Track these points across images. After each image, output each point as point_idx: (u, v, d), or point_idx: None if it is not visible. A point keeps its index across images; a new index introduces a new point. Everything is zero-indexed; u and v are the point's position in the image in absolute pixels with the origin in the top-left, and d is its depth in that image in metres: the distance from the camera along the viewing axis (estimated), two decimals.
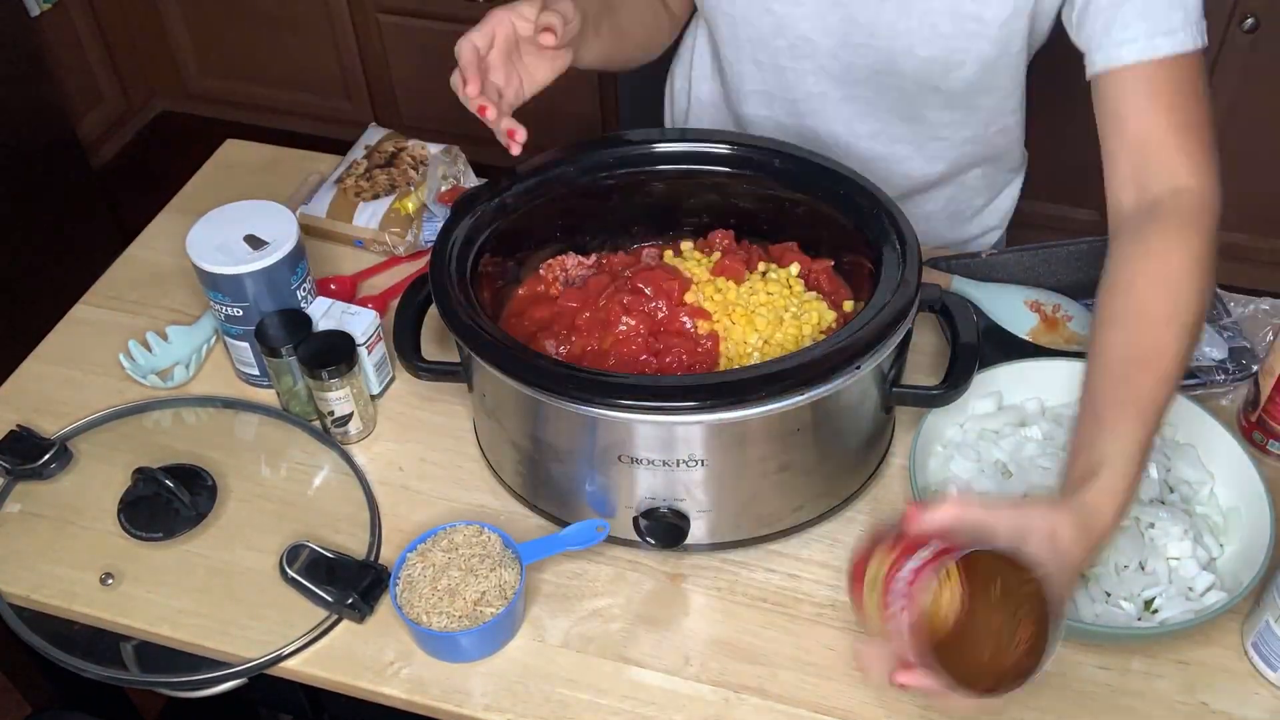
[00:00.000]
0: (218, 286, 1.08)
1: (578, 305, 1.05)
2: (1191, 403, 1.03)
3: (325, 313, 1.11)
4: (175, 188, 1.43)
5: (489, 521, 0.99)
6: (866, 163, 1.23)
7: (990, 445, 1.05)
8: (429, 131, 1.50)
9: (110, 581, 1.01)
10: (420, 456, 1.10)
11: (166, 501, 1.04)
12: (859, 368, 0.90)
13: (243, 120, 2.97)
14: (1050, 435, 1.04)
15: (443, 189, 1.31)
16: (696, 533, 0.98)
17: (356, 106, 2.86)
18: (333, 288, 1.26)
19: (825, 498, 1.01)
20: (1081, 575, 0.93)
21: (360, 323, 1.10)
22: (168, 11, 2.87)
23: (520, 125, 0.99)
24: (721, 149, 1.10)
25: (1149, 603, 0.94)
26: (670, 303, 1.04)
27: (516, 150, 1.00)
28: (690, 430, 0.90)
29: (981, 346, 1.00)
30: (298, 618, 0.97)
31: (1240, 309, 1.18)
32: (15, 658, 1.15)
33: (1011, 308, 1.15)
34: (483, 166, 1.45)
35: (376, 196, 1.32)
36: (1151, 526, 0.97)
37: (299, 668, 0.96)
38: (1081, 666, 0.93)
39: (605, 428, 0.91)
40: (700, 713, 0.91)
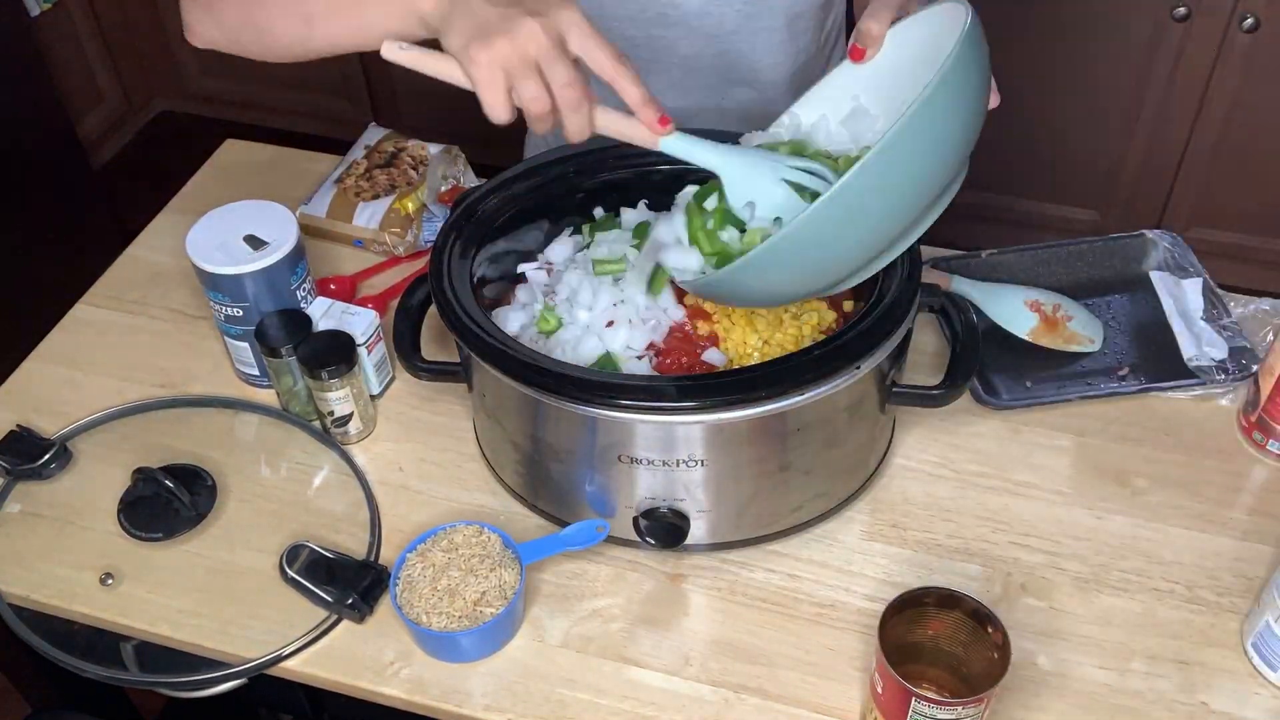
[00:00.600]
0: (218, 286, 1.08)
1: None
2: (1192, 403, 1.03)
3: (325, 313, 1.11)
4: (175, 188, 1.43)
5: (489, 521, 0.99)
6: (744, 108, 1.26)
7: None
8: (429, 131, 1.50)
9: (110, 581, 1.01)
10: (420, 456, 1.10)
11: (166, 501, 1.04)
12: (859, 368, 0.90)
13: (243, 120, 2.97)
14: None
15: (443, 189, 1.31)
16: (696, 533, 0.98)
17: (356, 106, 2.86)
18: (332, 288, 1.26)
19: (825, 498, 1.01)
20: None
21: (360, 323, 1.10)
22: (168, 11, 2.87)
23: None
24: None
25: None
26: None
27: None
28: (690, 430, 0.90)
29: (981, 346, 1.00)
30: (298, 618, 0.97)
31: (1240, 309, 1.17)
32: (15, 658, 1.15)
33: (1011, 308, 1.15)
34: (483, 167, 1.45)
35: (376, 196, 1.32)
36: None
37: (299, 668, 0.96)
38: (1081, 666, 0.93)
39: (605, 428, 0.91)
40: (700, 713, 0.91)
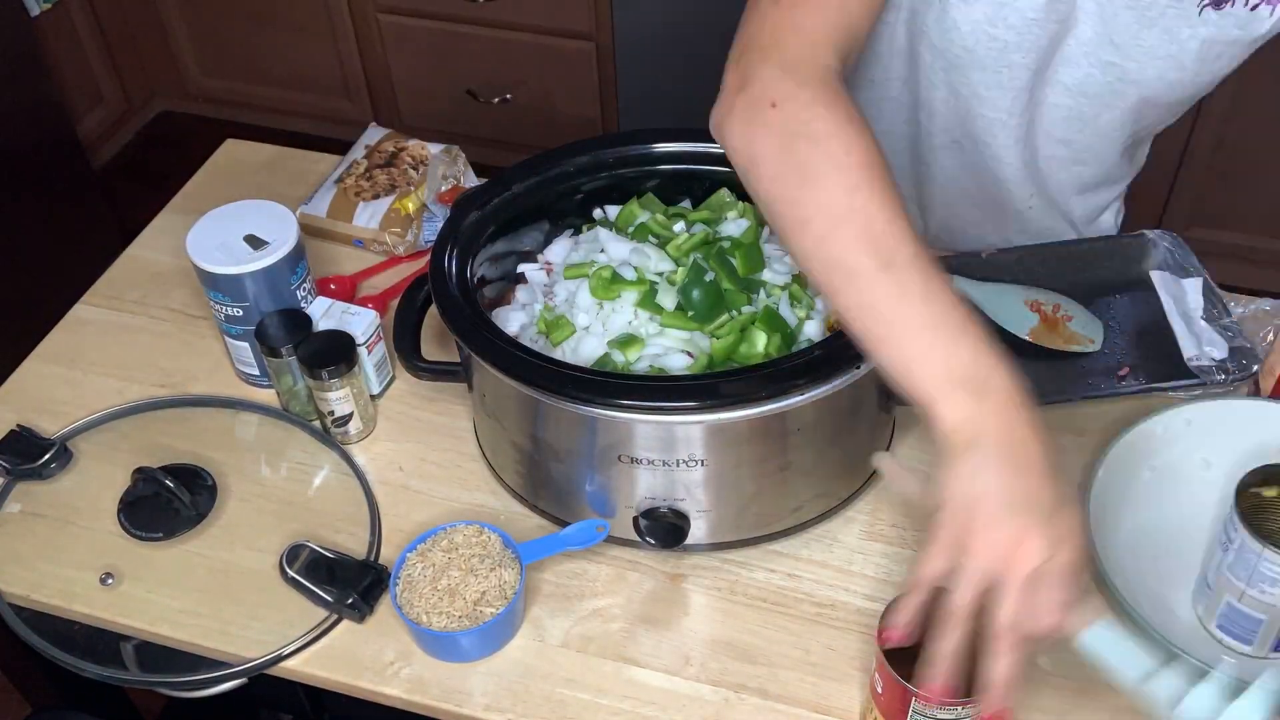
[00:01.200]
0: (218, 286, 1.08)
1: None
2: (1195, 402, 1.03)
3: (325, 313, 1.11)
4: (175, 187, 1.43)
5: (489, 521, 0.99)
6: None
7: None
8: (429, 131, 1.50)
9: (110, 581, 1.01)
10: (420, 456, 1.10)
11: (166, 501, 1.04)
12: (859, 368, 0.90)
13: (243, 120, 2.97)
14: None
15: (443, 189, 1.31)
16: (696, 533, 0.98)
17: (356, 106, 2.86)
18: (332, 288, 1.26)
19: (825, 498, 1.01)
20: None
21: (360, 323, 1.10)
22: (168, 11, 2.87)
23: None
24: (722, 149, 1.09)
25: None
26: None
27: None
28: (690, 430, 0.90)
29: None
30: (298, 618, 0.97)
31: (1240, 309, 1.17)
32: (15, 658, 1.15)
33: (1011, 308, 1.15)
34: (483, 167, 1.45)
35: (376, 196, 1.32)
36: None
37: (299, 668, 0.96)
38: (1081, 666, 0.93)
39: (605, 428, 0.91)
40: (700, 713, 0.91)
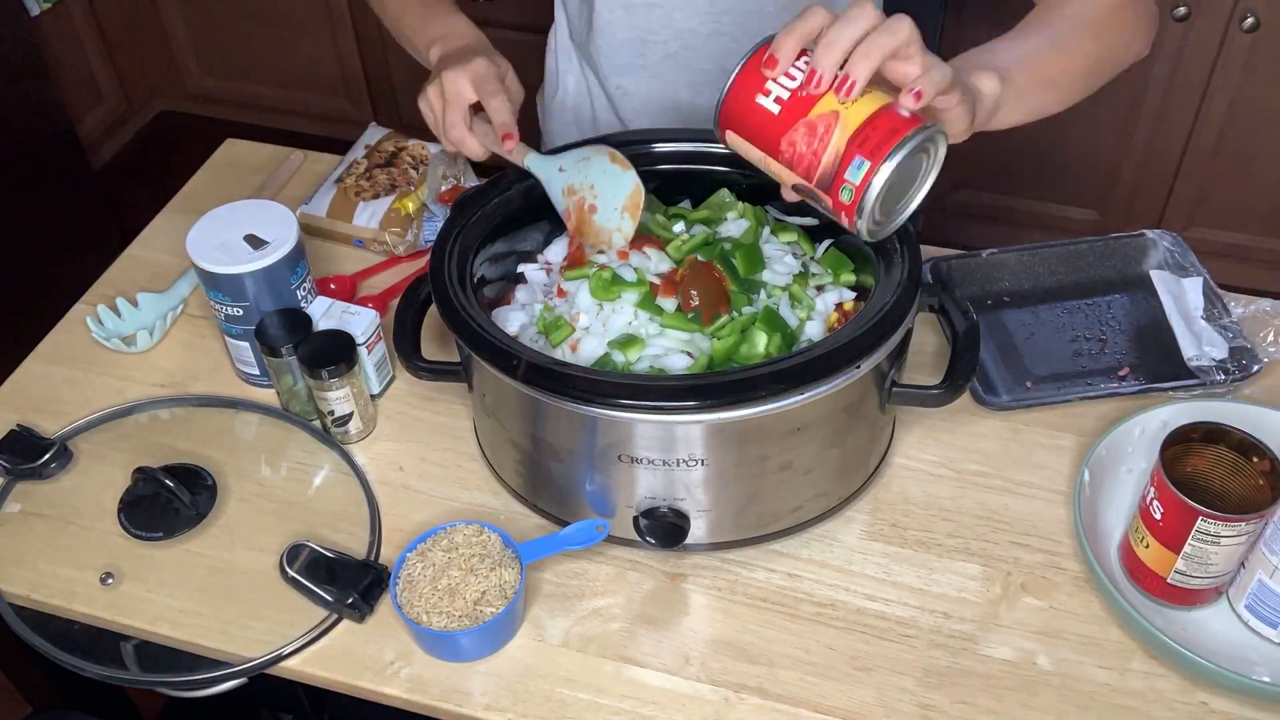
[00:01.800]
0: (218, 286, 1.08)
1: None
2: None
3: (325, 312, 1.11)
4: (175, 187, 1.43)
5: (489, 521, 0.99)
6: None
7: None
8: (429, 131, 1.49)
9: (110, 581, 1.01)
10: (420, 456, 1.10)
11: (166, 501, 1.04)
12: (859, 368, 0.90)
13: (243, 120, 2.97)
14: None
15: (443, 189, 1.31)
16: (696, 532, 0.98)
17: (356, 106, 2.86)
18: (333, 287, 1.26)
19: (825, 498, 1.01)
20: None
21: (360, 322, 1.10)
22: (168, 11, 2.87)
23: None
24: (722, 149, 1.09)
25: None
26: None
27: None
28: (690, 430, 0.90)
29: (980, 346, 1.00)
30: (298, 617, 0.97)
31: (1240, 309, 1.17)
32: (15, 658, 1.15)
33: (556, 190, 1.06)
34: (482, 167, 1.45)
35: (377, 196, 1.32)
36: None
37: (299, 667, 0.96)
38: (1081, 666, 0.93)
39: (605, 427, 0.91)
40: (700, 712, 0.91)
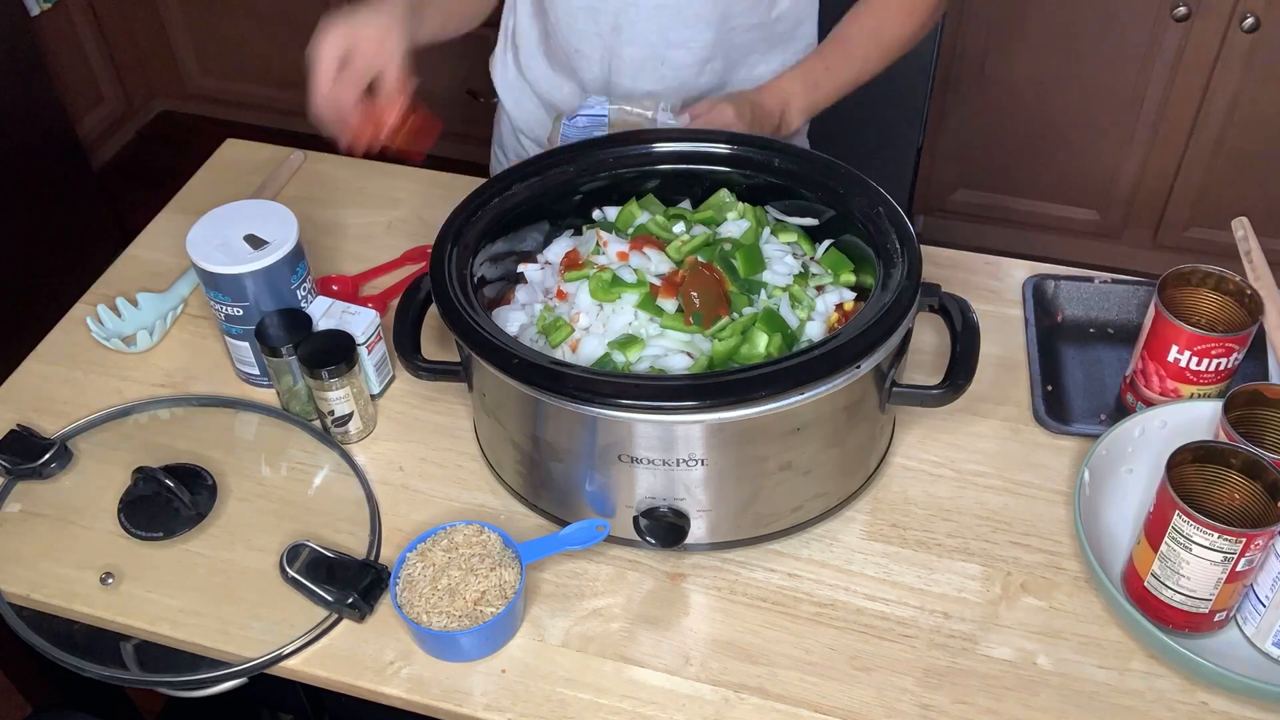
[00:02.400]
0: (218, 286, 1.08)
1: None
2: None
3: (325, 312, 1.11)
4: (175, 187, 1.43)
5: (489, 521, 0.99)
6: (679, 70, 1.27)
7: None
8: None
9: (110, 581, 1.01)
10: (420, 456, 1.10)
11: (166, 501, 1.04)
12: (859, 368, 0.90)
13: (243, 120, 2.97)
14: None
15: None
16: (696, 532, 0.98)
17: None
18: (334, 288, 1.26)
19: (825, 498, 1.01)
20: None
21: (360, 322, 1.10)
22: (168, 11, 2.87)
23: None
24: (722, 149, 1.10)
25: None
26: None
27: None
28: (690, 430, 0.90)
29: (980, 345, 1.00)
30: (298, 617, 0.97)
31: None
32: (15, 658, 1.15)
33: None
34: (483, 167, 1.45)
35: None
36: None
37: (299, 667, 0.96)
38: (1081, 666, 0.93)
39: (605, 427, 0.91)
40: (700, 712, 0.91)
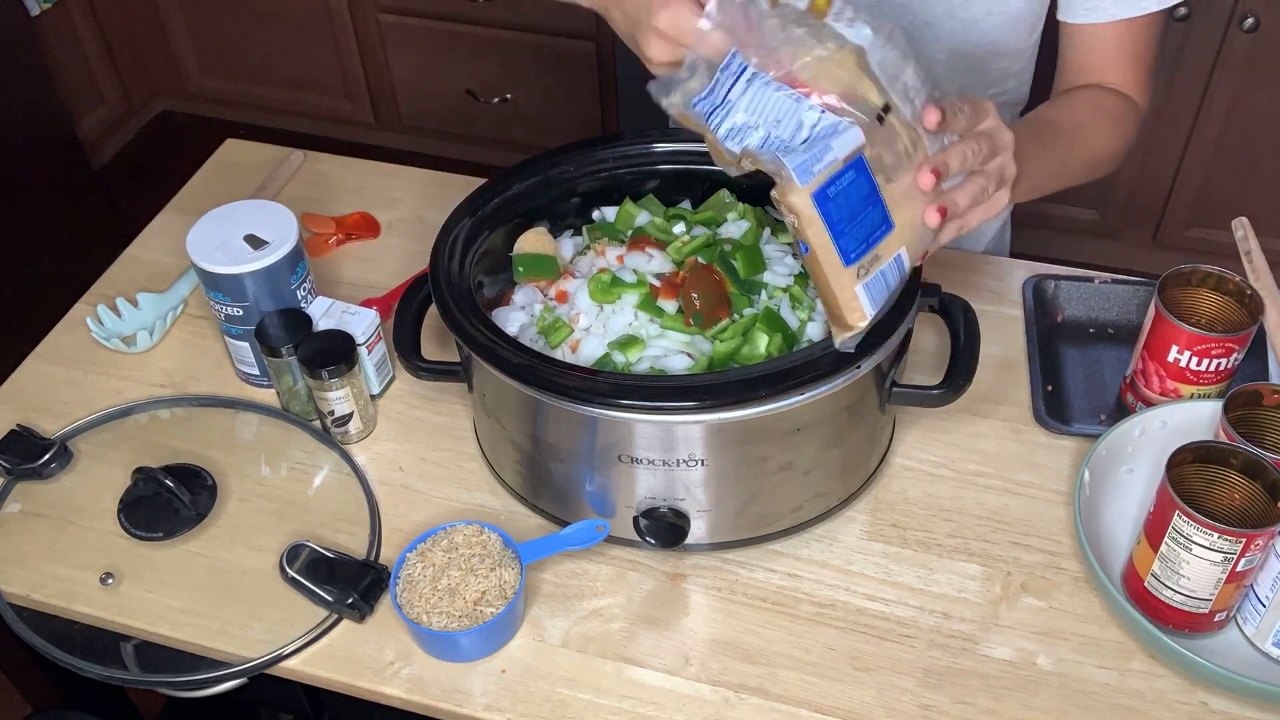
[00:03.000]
0: (218, 286, 1.08)
1: None
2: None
3: (325, 312, 1.11)
4: (175, 188, 1.43)
5: (489, 521, 0.99)
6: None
7: None
8: (429, 131, 1.50)
9: (110, 581, 1.01)
10: (420, 456, 1.10)
11: (166, 501, 1.04)
12: (859, 368, 0.90)
13: (243, 120, 2.98)
14: None
15: None
16: (696, 532, 0.98)
17: (356, 106, 2.86)
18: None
19: (825, 498, 1.01)
20: None
21: (360, 322, 1.10)
22: (168, 11, 2.87)
23: None
24: None
25: None
26: None
27: None
28: (690, 430, 0.90)
29: (980, 345, 1.00)
30: (298, 618, 0.97)
31: None
32: (15, 658, 1.15)
33: None
34: (483, 167, 1.45)
35: None
36: None
37: (299, 668, 0.96)
38: (1081, 666, 0.93)
39: (605, 428, 0.91)
40: (700, 713, 0.91)
